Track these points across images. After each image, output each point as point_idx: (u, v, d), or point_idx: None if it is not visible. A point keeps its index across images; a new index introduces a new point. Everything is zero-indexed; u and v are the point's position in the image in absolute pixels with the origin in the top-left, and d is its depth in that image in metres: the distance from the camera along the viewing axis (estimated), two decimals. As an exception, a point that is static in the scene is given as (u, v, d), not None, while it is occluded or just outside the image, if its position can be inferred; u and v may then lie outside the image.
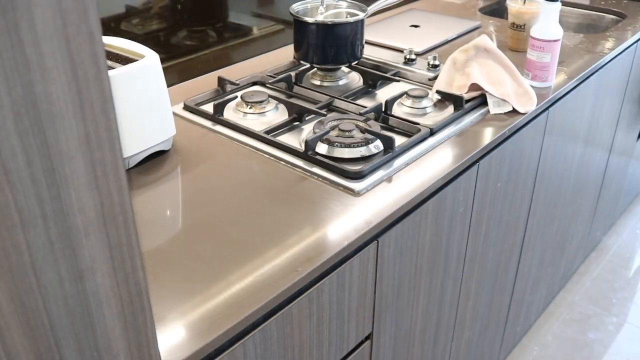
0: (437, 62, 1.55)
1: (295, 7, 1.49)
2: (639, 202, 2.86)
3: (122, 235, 0.58)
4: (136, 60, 1.13)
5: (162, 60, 1.17)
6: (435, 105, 1.39)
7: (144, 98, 1.13)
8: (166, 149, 1.21)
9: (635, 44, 1.95)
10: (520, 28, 1.73)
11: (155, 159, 1.19)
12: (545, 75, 1.50)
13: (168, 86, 1.19)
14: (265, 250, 0.95)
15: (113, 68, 1.11)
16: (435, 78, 1.47)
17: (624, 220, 2.72)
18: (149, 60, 1.13)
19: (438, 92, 1.39)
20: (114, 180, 0.56)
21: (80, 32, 0.50)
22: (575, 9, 2.24)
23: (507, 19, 2.26)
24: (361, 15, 1.46)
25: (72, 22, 0.49)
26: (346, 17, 1.49)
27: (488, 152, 1.32)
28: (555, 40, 1.48)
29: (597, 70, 1.72)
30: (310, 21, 1.43)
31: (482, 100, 1.39)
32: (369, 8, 1.50)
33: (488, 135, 1.31)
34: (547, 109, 1.52)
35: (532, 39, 1.49)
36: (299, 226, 1.00)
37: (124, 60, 1.16)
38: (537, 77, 1.51)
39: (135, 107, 1.11)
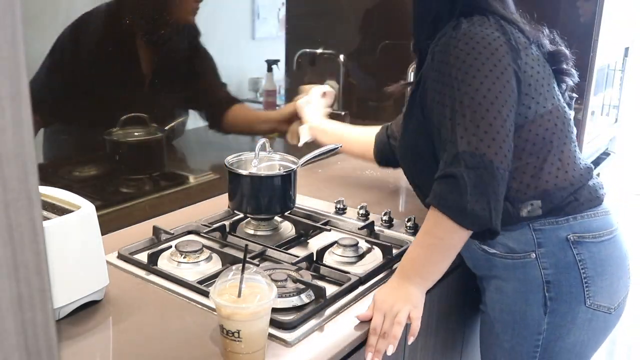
0: (366, 212, 1.63)
1: (230, 160, 1.56)
2: None
3: (50, 396, 0.58)
4: (72, 211, 1.15)
5: (98, 208, 1.19)
6: (365, 253, 1.44)
7: (78, 249, 1.13)
8: (98, 299, 1.20)
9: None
10: None
11: (87, 309, 1.18)
12: None
13: (103, 234, 1.20)
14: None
15: (48, 219, 1.12)
16: (364, 227, 1.54)
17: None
18: (85, 211, 1.15)
19: (368, 241, 1.46)
20: (44, 340, 0.57)
21: (19, 198, 0.53)
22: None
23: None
24: (293, 167, 1.54)
25: (12, 189, 0.52)
26: (279, 169, 1.57)
27: (417, 299, 1.36)
28: None
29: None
30: (244, 173, 1.50)
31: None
32: (300, 160, 1.57)
33: (416, 282, 1.35)
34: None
35: None
36: (230, 378, 1.00)
37: (60, 210, 1.17)
38: None
39: (69, 258, 1.11)
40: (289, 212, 1.57)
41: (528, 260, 1.30)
